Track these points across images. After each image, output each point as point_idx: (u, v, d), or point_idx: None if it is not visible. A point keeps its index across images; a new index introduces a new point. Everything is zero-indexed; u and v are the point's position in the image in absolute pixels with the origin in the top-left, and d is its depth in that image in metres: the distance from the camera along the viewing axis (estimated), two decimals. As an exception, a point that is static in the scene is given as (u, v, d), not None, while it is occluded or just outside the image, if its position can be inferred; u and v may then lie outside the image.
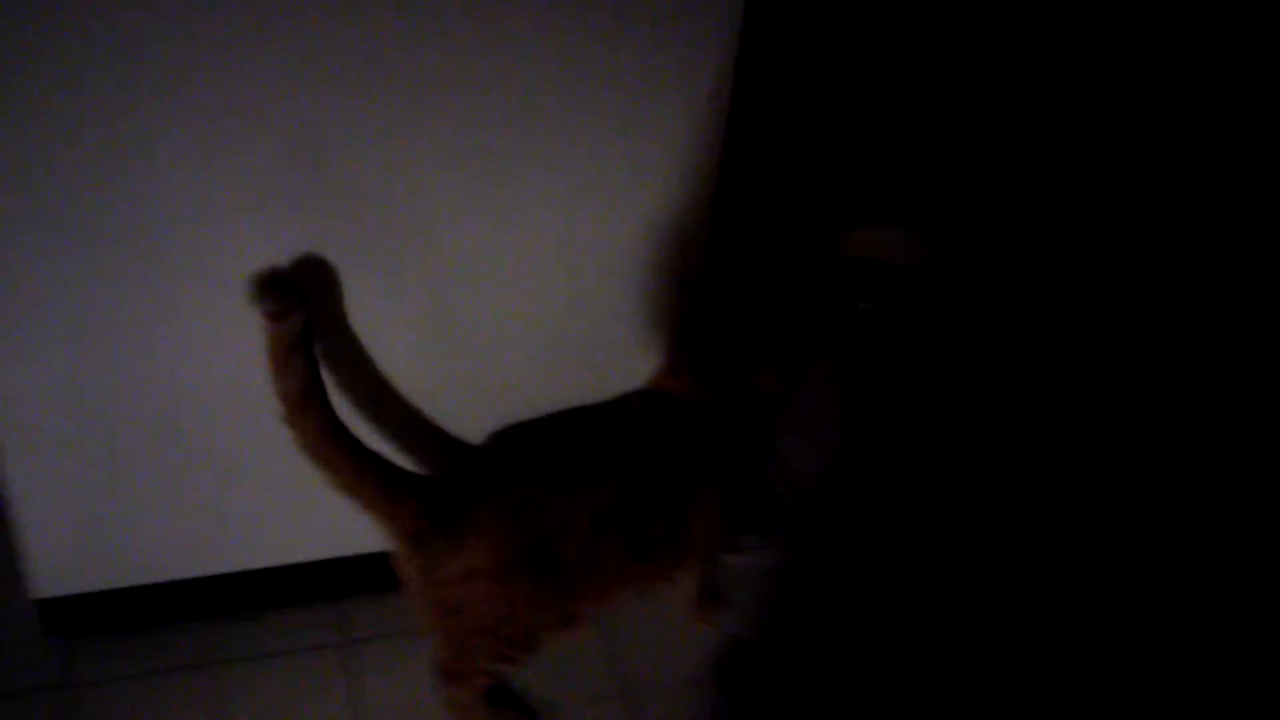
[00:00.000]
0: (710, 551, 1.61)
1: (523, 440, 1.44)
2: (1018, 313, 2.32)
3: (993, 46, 2.23)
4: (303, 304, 1.25)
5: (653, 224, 1.47)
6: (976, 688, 1.62)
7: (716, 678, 1.62)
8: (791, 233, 2.29)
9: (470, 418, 1.55)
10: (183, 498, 1.51)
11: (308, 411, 1.27)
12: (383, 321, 1.43)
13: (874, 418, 2.10)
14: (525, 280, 1.46)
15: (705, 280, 1.57)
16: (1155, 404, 2.06)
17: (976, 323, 2.29)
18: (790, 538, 1.86)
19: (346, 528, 1.61)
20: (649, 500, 1.42)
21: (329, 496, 1.55)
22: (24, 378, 1.34)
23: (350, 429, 1.32)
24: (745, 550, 1.82)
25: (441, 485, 1.34)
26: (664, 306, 1.54)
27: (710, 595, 1.71)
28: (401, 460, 1.51)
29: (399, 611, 1.64)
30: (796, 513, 1.92)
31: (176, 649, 1.61)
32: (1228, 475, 1.88)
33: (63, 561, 1.51)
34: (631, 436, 1.47)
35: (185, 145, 1.23)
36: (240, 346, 1.35)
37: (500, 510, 1.32)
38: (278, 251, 1.33)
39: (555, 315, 1.51)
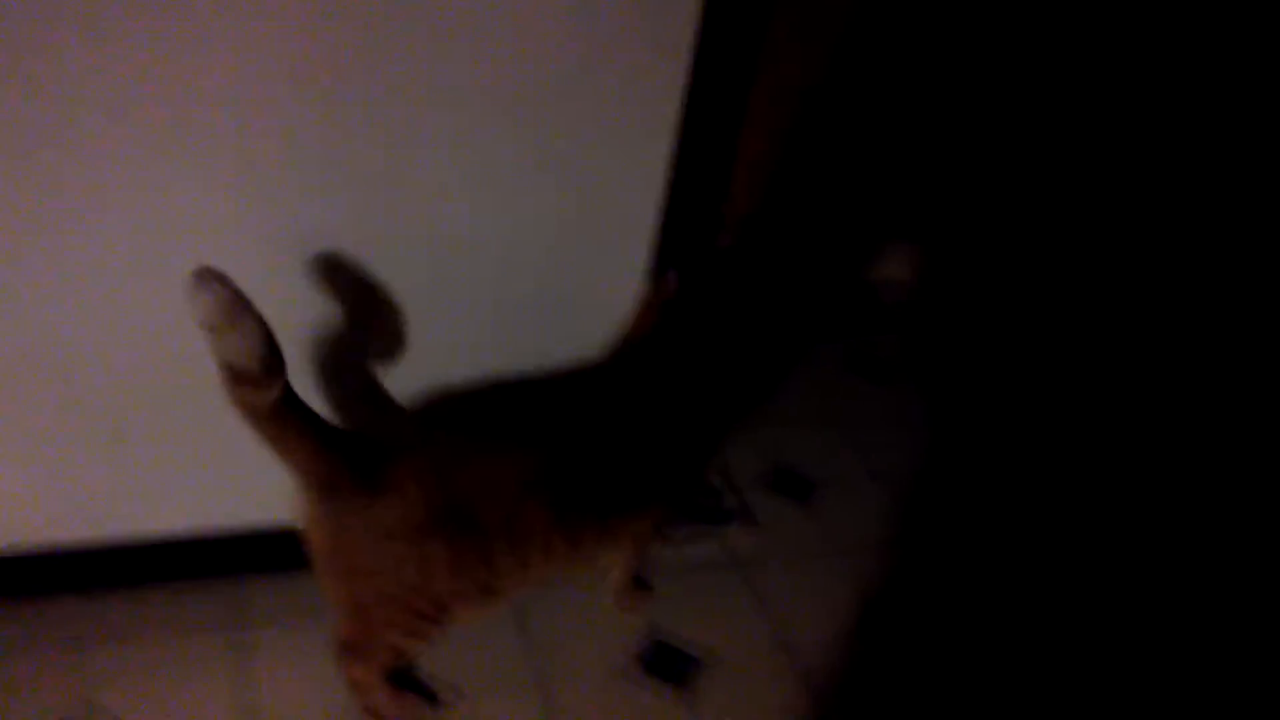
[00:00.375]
0: (641, 536, 1.52)
1: (454, 404, 1.34)
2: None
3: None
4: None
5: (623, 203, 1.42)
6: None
7: (642, 669, 1.53)
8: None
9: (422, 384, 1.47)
10: (68, 458, 1.38)
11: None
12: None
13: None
14: (502, 251, 1.41)
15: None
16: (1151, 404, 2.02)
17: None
18: (724, 532, 1.79)
19: (247, 498, 1.51)
20: (581, 472, 1.33)
21: (230, 463, 1.44)
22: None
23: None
24: (680, 542, 1.74)
25: (362, 441, 1.23)
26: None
27: (638, 584, 1.62)
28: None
29: (298, 593, 1.55)
30: (732, 508, 1.85)
31: (50, 621, 1.47)
32: (1227, 475, 1.82)
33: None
34: (570, 407, 1.38)
35: (144, 97, 1.15)
36: (137, 305, 1.27)
37: (420, 468, 1.22)
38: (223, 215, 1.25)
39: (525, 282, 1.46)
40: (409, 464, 1.22)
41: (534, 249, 1.43)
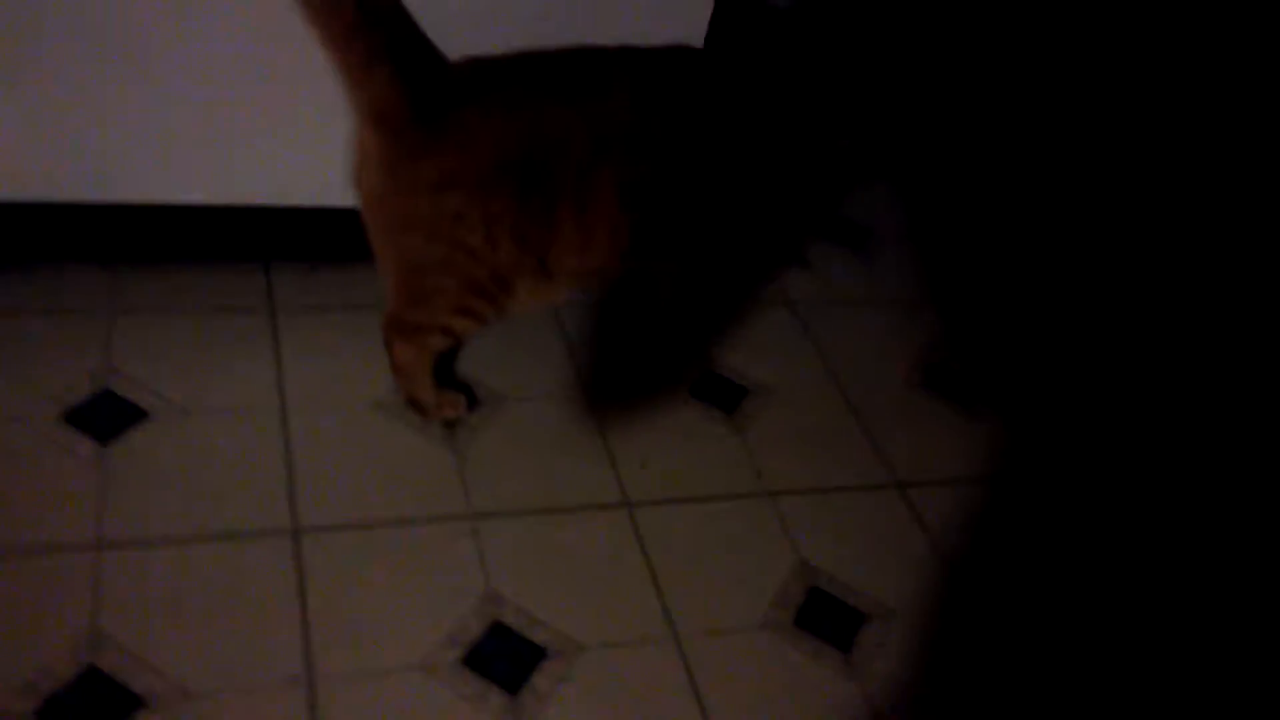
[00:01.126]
0: (713, 245, 1.41)
1: (520, 57, 1.20)
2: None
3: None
4: None
5: None
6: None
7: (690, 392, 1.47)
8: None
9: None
10: (92, 100, 1.27)
11: None
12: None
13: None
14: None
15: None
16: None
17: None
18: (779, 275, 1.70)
19: (276, 171, 1.40)
20: (656, 135, 1.20)
21: (259, 123, 1.33)
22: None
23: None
24: (734, 281, 1.65)
25: (429, 68, 1.10)
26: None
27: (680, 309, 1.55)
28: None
29: (327, 286, 1.49)
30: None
31: (71, 290, 1.39)
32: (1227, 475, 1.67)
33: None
34: (656, 78, 1.23)
35: None
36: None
37: (489, 111, 1.11)
38: None
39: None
40: (476, 106, 1.10)
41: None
